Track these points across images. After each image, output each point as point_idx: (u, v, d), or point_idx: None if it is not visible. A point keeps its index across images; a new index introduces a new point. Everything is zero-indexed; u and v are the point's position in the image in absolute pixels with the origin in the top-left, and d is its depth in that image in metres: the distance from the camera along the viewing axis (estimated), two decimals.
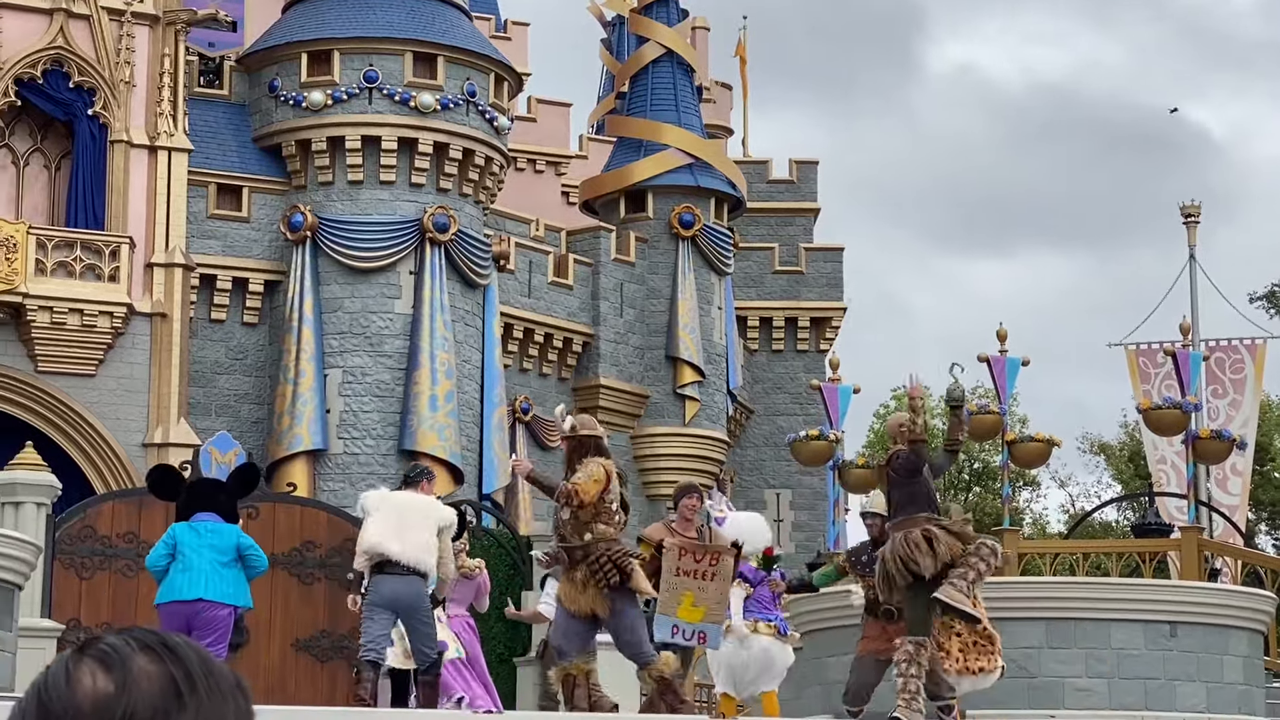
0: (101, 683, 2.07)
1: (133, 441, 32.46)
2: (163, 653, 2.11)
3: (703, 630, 14.41)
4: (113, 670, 2.08)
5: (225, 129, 36.26)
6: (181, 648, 2.12)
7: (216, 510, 14.65)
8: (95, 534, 22.82)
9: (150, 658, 2.10)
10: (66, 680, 2.08)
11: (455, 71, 36.15)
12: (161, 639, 2.13)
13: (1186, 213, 35.93)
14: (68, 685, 2.08)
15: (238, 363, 35.68)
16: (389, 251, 35.31)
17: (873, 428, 59.76)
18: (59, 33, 33.03)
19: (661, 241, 41.70)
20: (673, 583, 14.24)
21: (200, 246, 34.86)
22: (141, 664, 2.09)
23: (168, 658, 2.11)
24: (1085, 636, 17.53)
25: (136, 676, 2.08)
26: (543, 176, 45.28)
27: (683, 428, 41.16)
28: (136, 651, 2.10)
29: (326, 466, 34.73)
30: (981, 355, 23.73)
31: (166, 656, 2.11)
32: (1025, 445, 23.78)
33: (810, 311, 46.51)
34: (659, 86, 42.80)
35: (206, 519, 14.55)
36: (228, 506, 14.74)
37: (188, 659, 2.11)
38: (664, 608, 14.25)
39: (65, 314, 32.19)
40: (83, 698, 2.07)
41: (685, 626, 14.26)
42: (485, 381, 36.62)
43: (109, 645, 2.11)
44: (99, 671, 2.08)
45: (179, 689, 2.09)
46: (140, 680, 2.08)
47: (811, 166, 48.70)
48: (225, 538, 14.48)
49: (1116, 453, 56.97)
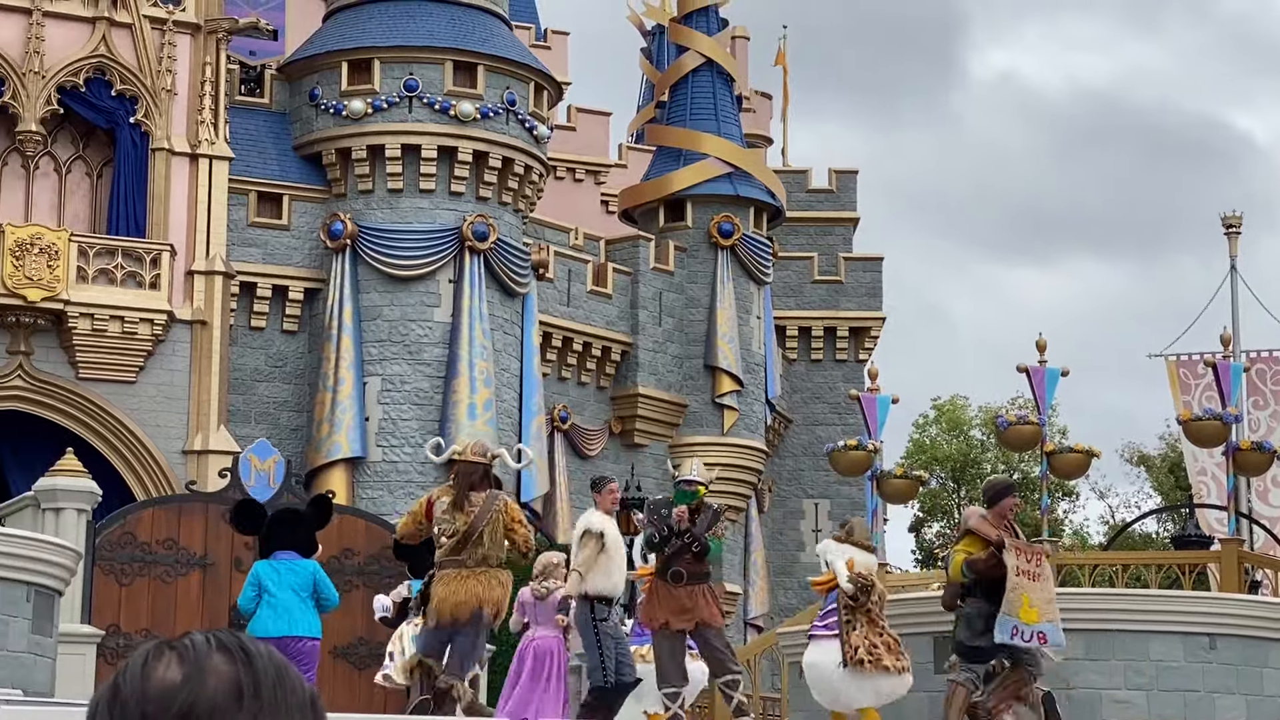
0: (172, 673, 2.16)
1: (173, 448, 32.58)
2: (239, 656, 2.18)
3: (1041, 630, 14.44)
4: (186, 664, 2.16)
5: (266, 137, 36.39)
6: (259, 656, 2.19)
7: (295, 543, 15.45)
8: (135, 540, 22.92)
9: (225, 658, 2.17)
10: (144, 666, 2.17)
11: (495, 80, 36.22)
12: (242, 643, 2.20)
13: (1228, 223, 35.78)
14: (143, 671, 2.17)
15: (277, 370, 35.79)
16: (428, 260, 35.38)
17: (912, 438, 59.68)
18: (101, 41, 33.19)
19: (700, 251, 41.69)
20: (1015, 583, 14.26)
21: (240, 254, 34.98)
22: (215, 663, 2.17)
23: (241, 661, 2.18)
24: (1124, 648, 17.47)
25: (206, 673, 2.16)
26: (582, 185, 45.33)
27: (721, 437, 41.13)
28: (214, 650, 2.18)
29: (365, 474, 34.81)
30: (1021, 366, 23.67)
31: (241, 660, 2.18)
32: (1064, 456, 23.70)
33: (849, 321, 46.45)
34: (699, 96, 42.80)
35: (286, 556, 15.34)
36: (306, 539, 15.52)
37: (261, 667, 2.18)
38: (1008, 609, 14.25)
39: (106, 321, 32.33)
40: (151, 685, 2.15)
41: (1024, 628, 14.32)
42: (524, 390, 36.66)
43: (191, 641, 2.20)
44: (175, 663, 2.16)
45: (241, 692, 2.15)
46: (208, 677, 2.15)
47: (851, 176, 48.64)
48: (303, 574, 15.26)
49: (1156, 464, 56.76)
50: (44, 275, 31.93)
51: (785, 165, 48.28)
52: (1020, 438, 23.74)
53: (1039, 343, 23.66)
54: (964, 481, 59.43)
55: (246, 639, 2.21)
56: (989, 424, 53.62)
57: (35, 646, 16.91)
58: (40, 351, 32.30)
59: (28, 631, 16.80)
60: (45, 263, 31.96)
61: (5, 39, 32.74)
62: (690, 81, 42.95)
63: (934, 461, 57.26)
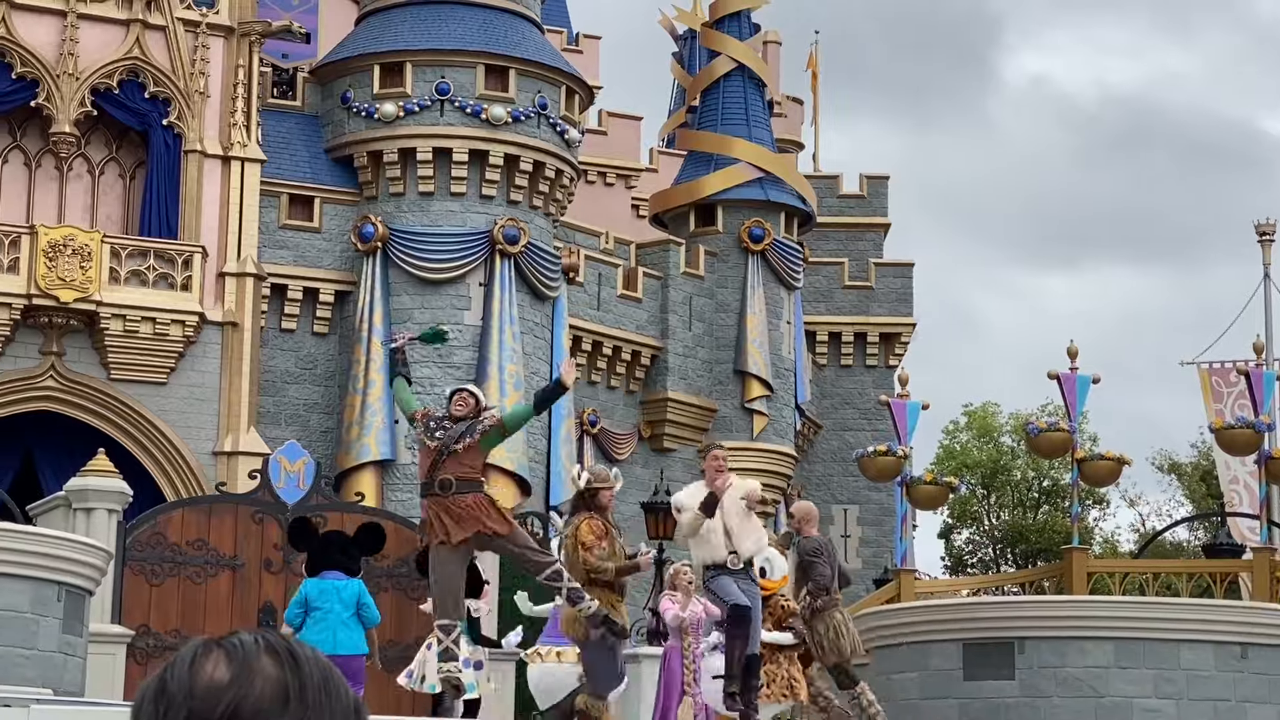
0: (220, 672, 2.17)
1: (203, 449, 32.66)
2: (286, 659, 2.19)
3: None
4: (234, 664, 2.16)
5: (298, 140, 36.46)
6: (307, 661, 2.19)
7: (342, 564, 16.09)
8: (165, 541, 22.97)
9: (274, 661, 2.18)
10: (191, 662, 2.18)
11: (527, 84, 36.24)
12: (290, 647, 2.20)
13: (1261, 230, 35.66)
14: (190, 668, 2.18)
15: (307, 372, 35.85)
16: (459, 263, 35.42)
17: (942, 444, 59.56)
18: (135, 44, 33.30)
19: (731, 255, 41.67)
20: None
21: (271, 256, 35.05)
22: (263, 665, 2.17)
23: (289, 664, 2.18)
24: (1155, 657, 17.40)
25: (253, 675, 2.16)
26: (613, 189, 45.34)
27: (750, 442, 41.10)
28: (262, 652, 2.18)
29: (394, 477, 34.84)
30: (1052, 372, 23.61)
31: (288, 663, 2.18)
32: (1095, 463, 23.65)
33: (879, 327, 46.39)
34: (730, 100, 42.78)
35: (332, 575, 15.92)
36: (353, 561, 16.23)
37: (308, 671, 2.18)
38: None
39: (138, 322, 32.42)
40: (198, 682, 2.16)
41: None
42: None
43: (240, 641, 2.20)
44: (222, 662, 2.17)
45: (288, 696, 2.15)
46: (255, 679, 2.16)
47: (882, 181, 48.58)
48: (348, 593, 15.87)
49: (1188, 472, 56.57)
50: (76, 276, 32.04)
51: (816, 170, 48.24)
52: (1051, 445, 23.69)
53: (1070, 349, 23.60)
54: (994, 488, 59.30)
55: (295, 642, 2.20)
56: (1019, 430, 53.51)
57: (66, 646, 16.96)
58: (72, 352, 32.41)
59: (58, 631, 16.85)
60: (78, 264, 32.07)
61: (40, 41, 32.87)
62: (722, 86, 42.94)
63: (964, 468, 57.15)
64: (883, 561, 41.40)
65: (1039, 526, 57.86)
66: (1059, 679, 17.52)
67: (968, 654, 17.29)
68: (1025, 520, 58.76)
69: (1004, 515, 59.59)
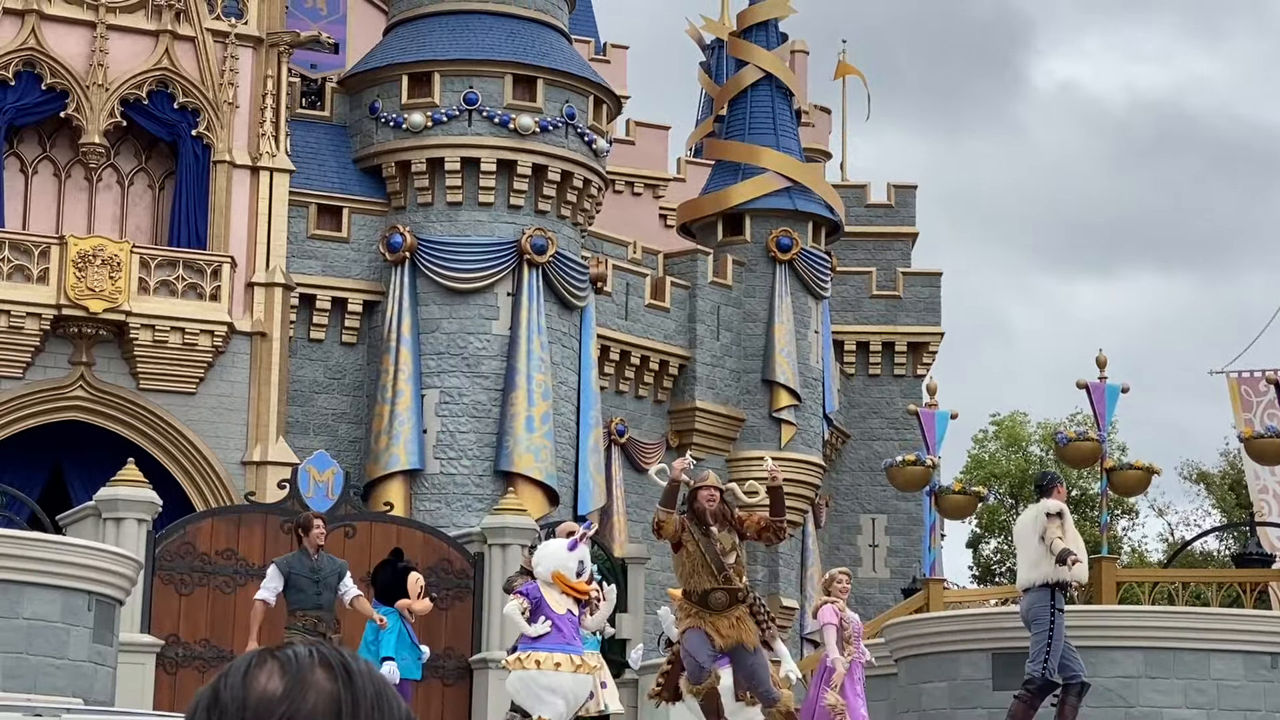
0: (274, 684, 2.16)
1: (232, 459, 32.74)
2: (340, 673, 2.17)
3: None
4: (288, 675, 2.15)
5: (326, 150, 36.55)
6: (360, 675, 2.18)
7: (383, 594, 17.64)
8: (195, 550, 23.03)
9: (328, 675, 2.16)
10: (245, 673, 2.17)
11: (554, 94, 36.28)
12: (345, 661, 2.18)
13: None
14: (244, 678, 2.17)
15: (336, 382, 35.92)
16: (487, 272, 35.46)
17: (970, 453, 59.44)
18: (164, 54, 33.41)
19: (759, 265, 41.66)
20: None
21: (300, 266, 35.12)
22: (317, 678, 2.16)
23: (342, 678, 2.17)
24: (1185, 667, 17.35)
25: (306, 688, 2.15)
26: (640, 199, 45.36)
27: (778, 451, 41.05)
28: (316, 665, 2.17)
29: (423, 487, 34.88)
30: (1081, 382, 23.56)
31: (342, 678, 2.17)
32: (1124, 473, 23.58)
33: (907, 336, 46.34)
34: (757, 110, 42.77)
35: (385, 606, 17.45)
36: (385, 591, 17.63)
37: (362, 687, 2.17)
38: None
39: (167, 332, 32.52)
40: (251, 693, 2.15)
41: None
42: (581, 403, 36.68)
43: (294, 653, 2.19)
44: (276, 673, 2.16)
45: (340, 710, 2.14)
46: (309, 692, 2.15)
47: (910, 191, 48.54)
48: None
49: (1217, 481, 56.37)
50: (106, 286, 32.14)
51: (844, 179, 48.21)
52: (1080, 454, 23.63)
53: (1099, 359, 23.55)
54: (1022, 498, 59.15)
55: (349, 654, 2.19)
56: (1048, 440, 53.39)
57: (96, 655, 17.02)
58: (101, 362, 32.51)
59: (89, 640, 16.91)
60: (107, 274, 32.17)
61: (69, 52, 33.00)
62: (749, 96, 42.94)
63: (992, 478, 57.02)
64: (911, 571, 41.32)
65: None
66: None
67: (996, 664, 17.26)
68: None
69: None
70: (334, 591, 16.30)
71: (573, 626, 14.59)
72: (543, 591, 14.42)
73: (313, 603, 16.21)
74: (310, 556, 16.35)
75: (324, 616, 16.25)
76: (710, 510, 13.75)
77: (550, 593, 14.39)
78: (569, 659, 14.40)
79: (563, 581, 14.46)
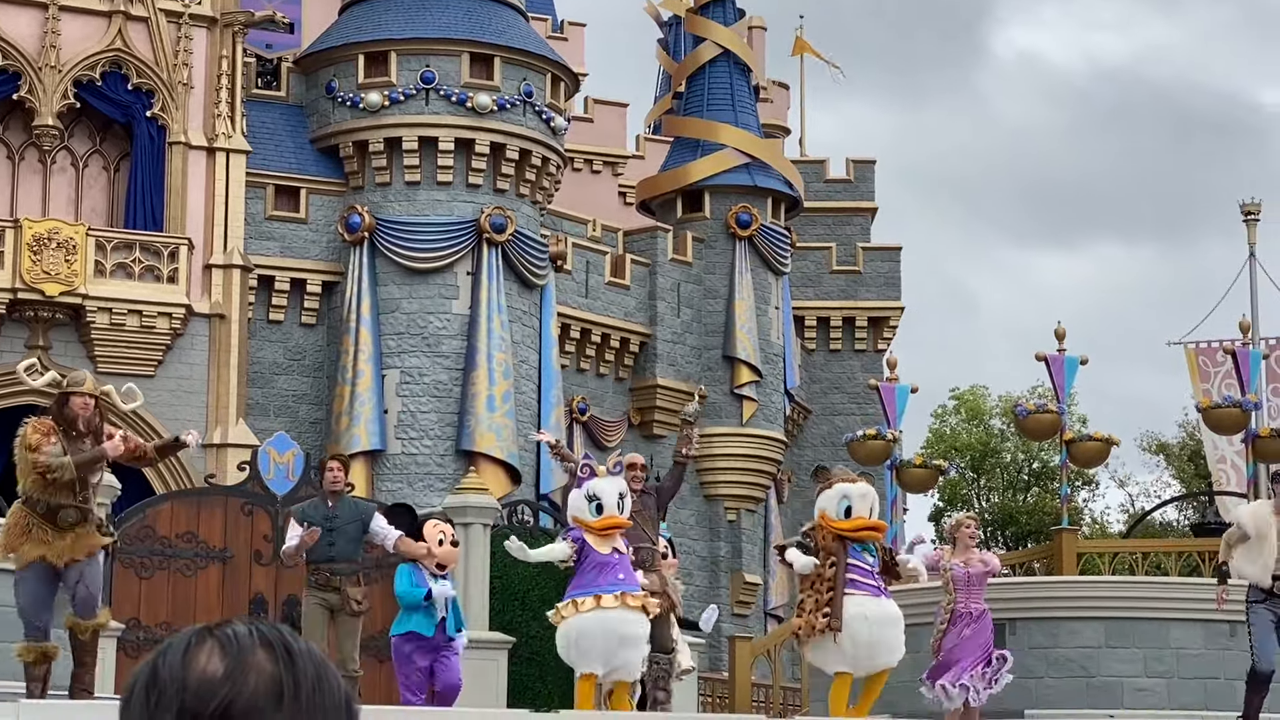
0: (214, 665, 2.12)
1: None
2: (282, 654, 2.13)
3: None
4: (228, 657, 2.11)
5: (283, 130, 36.40)
6: (301, 655, 2.14)
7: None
8: (154, 534, 22.94)
9: (269, 656, 2.13)
10: (184, 653, 2.13)
11: (512, 72, 36.20)
12: (285, 641, 2.15)
13: (1246, 210, 35.66)
14: (183, 658, 2.13)
15: (296, 363, 35.82)
16: (446, 252, 35.38)
17: (931, 428, 59.61)
18: (117, 35, 33.22)
19: (718, 241, 41.65)
20: None
21: (258, 248, 35.00)
22: (259, 659, 2.12)
23: (284, 660, 2.13)
24: (1144, 636, 17.42)
25: (248, 670, 2.11)
26: (599, 177, 45.30)
27: (740, 428, 41.10)
28: (258, 645, 2.13)
29: (385, 467, 34.82)
30: (1040, 354, 23.61)
31: (283, 658, 2.13)
32: (1084, 445, 23.65)
33: (868, 311, 46.40)
34: (716, 86, 42.75)
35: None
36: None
37: (302, 667, 2.13)
38: None
39: (124, 315, 32.37)
40: (191, 674, 2.11)
41: None
42: (542, 382, 36.66)
43: (234, 632, 2.14)
44: (216, 654, 2.12)
45: (282, 693, 2.10)
46: (249, 674, 2.11)
47: (869, 166, 48.58)
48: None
49: (1175, 452, 56.65)
50: (62, 270, 31.98)
51: (803, 155, 48.22)
52: (1039, 427, 23.70)
53: (1058, 331, 23.61)
54: (983, 471, 59.36)
55: (289, 633, 2.16)
56: (1008, 413, 53.57)
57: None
58: (59, 346, 32.36)
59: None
60: (63, 257, 32.01)
61: (21, 33, 32.79)
62: (707, 72, 42.91)
63: (953, 451, 57.21)
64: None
65: (1029, 508, 57.93)
66: (1050, 659, 17.55)
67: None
68: (1015, 502, 58.83)
69: (994, 497, 59.67)
70: (354, 542, 14.70)
71: (621, 565, 13.90)
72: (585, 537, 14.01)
73: (324, 554, 14.62)
74: (327, 503, 14.83)
75: (338, 569, 14.56)
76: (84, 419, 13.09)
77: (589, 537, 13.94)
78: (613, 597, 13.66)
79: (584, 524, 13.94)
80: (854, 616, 13.97)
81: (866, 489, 14.40)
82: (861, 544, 14.22)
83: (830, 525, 14.18)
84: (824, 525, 14.32)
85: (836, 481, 14.54)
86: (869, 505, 14.27)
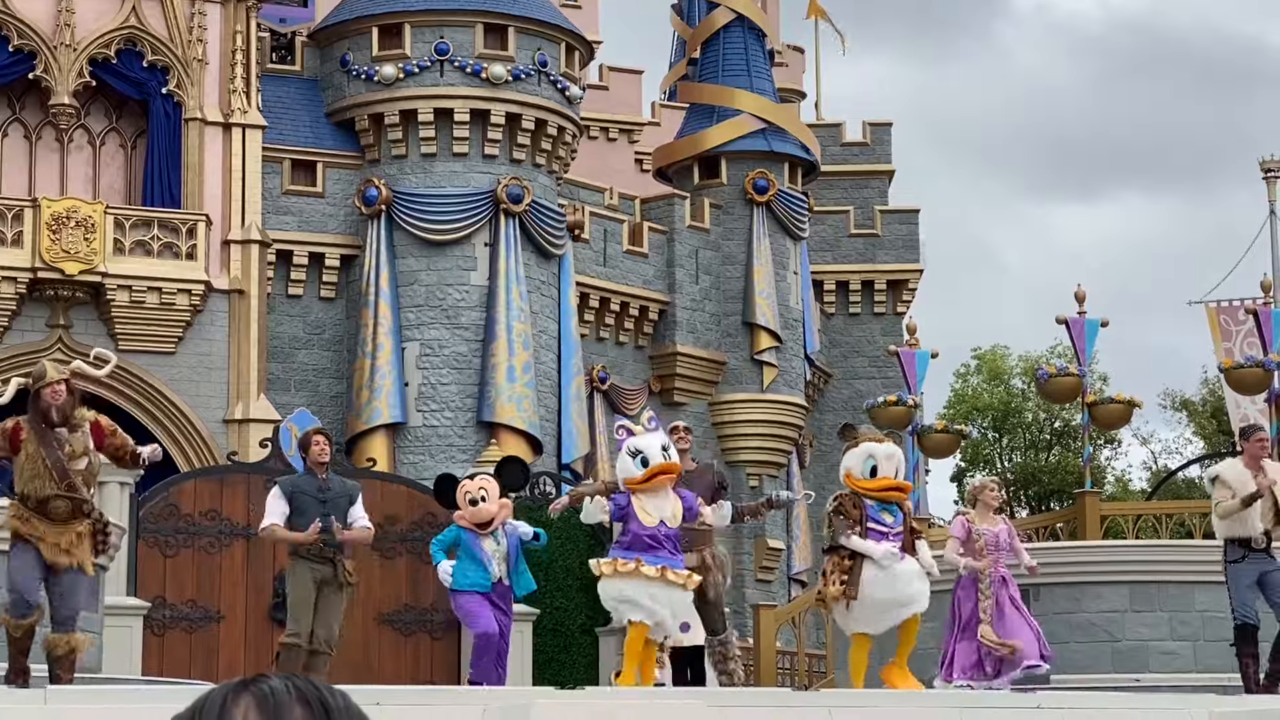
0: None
1: (213, 418, 32.68)
2: (319, 711, 2.13)
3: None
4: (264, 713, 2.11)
5: (298, 105, 36.38)
6: (339, 712, 2.14)
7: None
8: (178, 512, 23.00)
9: (306, 713, 2.12)
10: (221, 709, 2.13)
11: (526, 42, 36.13)
12: (322, 696, 2.14)
13: (1266, 168, 35.53)
14: (220, 714, 2.12)
15: (315, 337, 35.85)
16: (464, 223, 35.37)
17: (953, 388, 59.54)
18: (131, 12, 33.19)
19: (736, 207, 41.58)
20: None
21: (276, 223, 35.01)
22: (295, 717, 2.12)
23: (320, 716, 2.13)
24: (1169, 600, 17.41)
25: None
26: (615, 145, 45.22)
27: (761, 394, 41.08)
28: (295, 702, 2.13)
29: (406, 440, 34.87)
30: (1060, 317, 23.56)
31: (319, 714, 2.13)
32: (1106, 406, 23.62)
33: (886, 274, 46.31)
34: (730, 52, 42.63)
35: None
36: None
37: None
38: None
39: (144, 292, 32.41)
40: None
41: None
42: (562, 351, 36.66)
43: (271, 689, 2.14)
44: (253, 711, 2.12)
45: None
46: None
47: (885, 128, 48.43)
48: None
49: (1198, 409, 56.52)
50: (81, 248, 32.02)
51: (819, 119, 48.09)
52: (1060, 389, 23.68)
53: (1078, 294, 23.56)
54: (1005, 431, 59.29)
55: (324, 688, 2.15)
56: (1029, 373, 53.48)
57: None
58: (79, 324, 32.41)
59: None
60: (82, 236, 32.04)
61: (36, 13, 32.77)
62: (722, 37, 42.79)
63: (975, 411, 57.12)
64: None
65: (1051, 468, 57.85)
66: (1074, 624, 17.54)
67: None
68: (1038, 461, 58.75)
69: (1016, 457, 59.59)
70: (344, 515, 14.60)
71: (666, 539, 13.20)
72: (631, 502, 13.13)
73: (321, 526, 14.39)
74: (317, 476, 14.65)
75: (330, 541, 14.40)
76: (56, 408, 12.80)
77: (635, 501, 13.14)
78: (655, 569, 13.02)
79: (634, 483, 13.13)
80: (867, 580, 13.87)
81: (893, 449, 14.28)
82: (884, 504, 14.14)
83: (855, 485, 14.11)
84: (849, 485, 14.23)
85: (863, 440, 14.40)
86: (895, 466, 14.16)
